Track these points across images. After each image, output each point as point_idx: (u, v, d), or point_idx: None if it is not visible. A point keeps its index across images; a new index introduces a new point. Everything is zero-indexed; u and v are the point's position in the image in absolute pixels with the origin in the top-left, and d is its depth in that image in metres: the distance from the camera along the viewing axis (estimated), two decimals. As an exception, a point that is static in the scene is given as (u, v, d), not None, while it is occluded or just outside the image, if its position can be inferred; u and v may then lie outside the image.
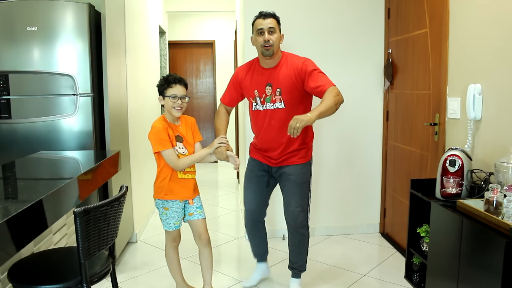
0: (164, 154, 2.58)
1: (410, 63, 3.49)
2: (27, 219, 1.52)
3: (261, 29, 2.68)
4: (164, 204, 2.69)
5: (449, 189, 2.40)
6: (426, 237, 2.65)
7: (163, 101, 2.63)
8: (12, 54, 3.05)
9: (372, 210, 4.19)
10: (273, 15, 2.73)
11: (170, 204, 2.68)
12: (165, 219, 2.72)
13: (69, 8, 3.06)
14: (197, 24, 8.07)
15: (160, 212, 2.73)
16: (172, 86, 2.58)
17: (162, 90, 2.62)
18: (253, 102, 2.80)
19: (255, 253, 3.19)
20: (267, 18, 2.70)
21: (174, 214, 2.70)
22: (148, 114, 4.90)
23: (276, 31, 2.70)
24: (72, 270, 1.83)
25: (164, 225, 2.74)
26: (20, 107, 3.10)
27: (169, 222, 2.71)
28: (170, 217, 2.70)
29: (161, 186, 2.67)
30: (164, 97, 2.61)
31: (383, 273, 3.33)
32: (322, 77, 2.65)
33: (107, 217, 1.86)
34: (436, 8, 3.03)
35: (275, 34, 2.68)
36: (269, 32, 2.67)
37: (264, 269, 3.20)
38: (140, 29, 4.54)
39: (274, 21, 2.71)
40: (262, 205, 3.02)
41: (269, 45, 2.66)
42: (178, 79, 2.60)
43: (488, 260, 1.87)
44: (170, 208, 2.69)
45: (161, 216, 2.73)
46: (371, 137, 4.09)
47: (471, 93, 2.53)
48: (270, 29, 2.68)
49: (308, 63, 2.70)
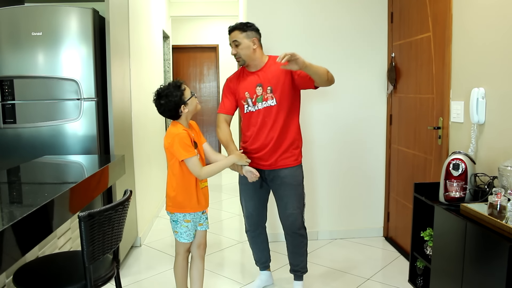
0: (189, 162, 2.46)
1: (413, 67, 3.50)
2: (33, 224, 1.53)
3: (230, 44, 2.83)
4: (185, 217, 2.55)
5: (452, 193, 2.39)
6: (430, 241, 2.65)
7: (186, 108, 2.50)
8: (17, 59, 3.07)
9: (376, 214, 4.18)
10: (234, 27, 2.80)
11: (192, 216, 2.56)
12: (184, 232, 2.57)
13: (74, 14, 3.08)
14: (201, 29, 8.10)
15: (178, 225, 2.56)
16: (184, 88, 2.50)
17: (179, 99, 2.47)
18: (245, 104, 2.85)
19: (257, 261, 3.18)
20: (230, 33, 2.81)
21: (194, 225, 2.60)
22: (152, 118, 4.91)
23: (241, 41, 2.76)
24: (77, 274, 1.84)
25: (182, 238, 2.58)
26: (25, 111, 3.12)
27: (189, 234, 2.58)
28: (191, 229, 2.58)
29: (186, 199, 2.53)
30: (186, 103, 2.49)
31: (387, 277, 3.32)
32: None
33: (111, 221, 1.87)
34: (439, 12, 3.04)
35: (241, 45, 2.76)
36: (235, 45, 2.78)
37: (267, 278, 3.19)
38: (144, 33, 4.56)
39: (237, 33, 2.77)
40: (260, 209, 3.03)
41: (238, 57, 2.80)
42: (182, 82, 2.54)
43: (492, 264, 1.87)
44: (192, 220, 2.57)
45: (179, 229, 2.57)
46: (374, 141, 4.09)
47: (475, 97, 2.53)
48: (234, 42, 2.79)
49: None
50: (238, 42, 2.76)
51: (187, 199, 2.53)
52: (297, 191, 2.87)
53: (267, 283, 3.19)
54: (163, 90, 2.50)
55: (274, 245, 3.45)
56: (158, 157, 5.31)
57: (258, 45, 2.80)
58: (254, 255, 3.17)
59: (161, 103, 2.49)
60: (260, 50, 2.83)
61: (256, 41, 2.79)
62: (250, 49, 2.76)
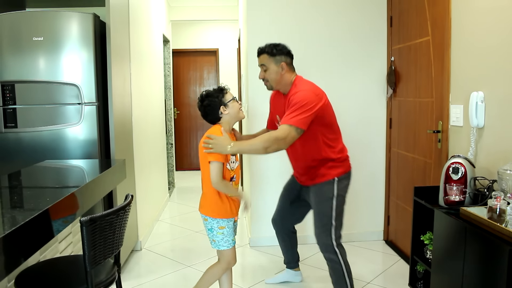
0: (212, 165, 2.41)
1: (412, 70, 3.51)
2: (34, 228, 1.54)
3: (259, 65, 2.77)
4: (219, 223, 2.50)
5: (452, 197, 2.40)
6: (430, 245, 2.65)
7: (226, 109, 2.49)
8: (18, 64, 3.08)
9: (376, 217, 4.19)
10: (263, 50, 2.72)
11: (225, 222, 2.51)
12: (222, 239, 2.52)
13: (75, 19, 3.09)
14: (201, 33, 8.12)
15: (213, 233, 2.52)
16: (227, 91, 2.51)
17: (220, 100, 2.47)
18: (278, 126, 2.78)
19: (284, 260, 3.28)
20: (259, 55, 2.75)
21: (231, 231, 2.55)
22: (152, 122, 4.93)
23: (268, 66, 2.69)
24: (78, 279, 1.84)
25: (221, 245, 2.52)
26: (26, 116, 3.13)
27: (227, 240, 2.53)
28: (227, 235, 2.52)
29: (217, 203, 2.49)
30: (226, 104, 2.49)
31: (387, 280, 3.32)
32: (292, 113, 2.52)
33: (112, 225, 1.87)
34: (438, 16, 3.05)
35: (269, 70, 2.69)
36: (263, 69, 2.73)
37: (290, 275, 3.26)
38: (144, 38, 4.58)
39: (265, 57, 2.70)
40: (285, 218, 3.09)
41: (265, 81, 2.74)
42: (225, 87, 2.54)
43: (492, 267, 1.87)
44: (227, 225, 2.52)
45: (215, 237, 2.52)
46: (374, 145, 4.10)
47: (474, 101, 2.54)
48: (262, 66, 2.73)
49: (296, 96, 2.57)
50: (266, 67, 2.70)
51: (224, 203, 2.50)
52: (320, 207, 2.71)
53: (291, 279, 3.27)
54: (206, 93, 2.54)
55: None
56: (158, 161, 5.31)
57: (286, 69, 2.69)
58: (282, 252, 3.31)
59: (203, 105, 2.53)
60: (289, 74, 2.71)
61: (284, 66, 2.68)
62: (278, 74, 2.68)
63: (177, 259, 3.81)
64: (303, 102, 2.51)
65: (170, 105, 6.62)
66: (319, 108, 2.55)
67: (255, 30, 3.89)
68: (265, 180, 4.04)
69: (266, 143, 2.45)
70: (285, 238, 3.15)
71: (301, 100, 2.51)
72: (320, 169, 2.72)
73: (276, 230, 3.16)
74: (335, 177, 2.71)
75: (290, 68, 2.73)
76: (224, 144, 2.40)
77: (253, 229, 4.11)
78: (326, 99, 2.65)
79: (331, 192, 2.69)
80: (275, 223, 3.14)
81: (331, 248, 2.68)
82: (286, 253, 3.23)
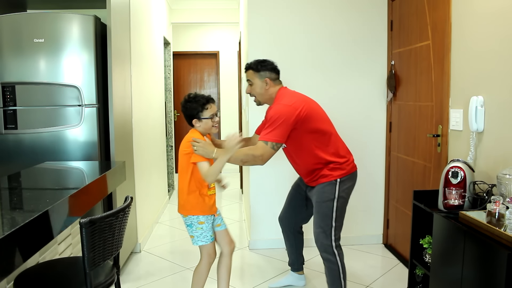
0: (203, 165, 2.50)
1: (412, 74, 3.52)
2: (34, 230, 1.54)
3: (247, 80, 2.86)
4: (199, 218, 2.60)
5: (451, 201, 2.40)
6: (429, 249, 2.66)
7: (199, 123, 2.57)
8: (19, 66, 3.09)
9: (376, 221, 4.19)
10: (249, 66, 2.82)
11: (205, 218, 2.61)
12: (201, 234, 2.61)
13: (75, 21, 3.10)
14: (201, 35, 8.13)
15: (193, 228, 2.61)
16: (207, 107, 2.55)
17: (196, 113, 2.55)
18: None
19: (288, 261, 3.29)
20: (246, 71, 2.85)
21: (210, 226, 2.64)
22: (153, 124, 4.93)
23: (253, 81, 2.79)
24: (77, 280, 1.84)
25: (199, 240, 2.62)
26: (26, 117, 3.14)
27: (206, 236, 2.61)
28: (206, 230, 2.61)
29: (198, 201, 2.59)
30: (201, 119, 2.56)
31: (386, 284, 3.32)
32: (267, 129, 2.61)
33: (112, 227, 1.87)
34: (438, 21, 3.06)
35: (254, 85, 2.80)
36: (249, 84, 2.83)
37: (295, 279, 3.26)
38: (145, 40, 4.59)
39: (251, 72, 2.81)
40: (291, 217, 3.12)
41: (252, 96, 2.86)
42: (210, 99, 2.58)
43: (490, 272, 1.87)
44: (206, 221, 2.61)
45: (193, 233, 2.62)
46: (374, 148, 4.10)
47: (473, 105, 2.54)
48: (248, 81, 2.82)
49: (270, 111, 2.67)
50: (251, 82, 2.81)
51: (198, 201, 2.59)
52: (321, 208, 2.73)
53: (295, 283, 3.26)
54: (192, 96, 2.59)
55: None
56: (158, 163, 5.32)
57: (271, 84, 2.79)
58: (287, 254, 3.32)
59: (184, 106, 2.60)
60: (273, 89, 2.79)
61: (268, 81, 2.78)
62: (263, 89, 2.79)
63: (176, 262, 3.81)
64: (275, 116, 2.59)
65: (170, 107, 6.63)
66: (296, 119, 2.60)
67: (255, 33, 3.90)
68: (265, 183, 4.04)
69: (244, 157, 2.57)
70: (290, 237, 3.17)
71: (273, 115, 2.60)
72: (322, 170, 2.74)
73: (282, 228, 3.19)
74: (338, 178, 2.72)
75: (275, 83, 2.81)
76: (209, 150, 2.49)
77: (252, 232, 4.11)
78: (307, 107, 2.66)
79: (333, 193, 2.71)
80: (281, 221, 3.18)
81: (329, 249, 2.70)
82: (291, 254, 3.24)
